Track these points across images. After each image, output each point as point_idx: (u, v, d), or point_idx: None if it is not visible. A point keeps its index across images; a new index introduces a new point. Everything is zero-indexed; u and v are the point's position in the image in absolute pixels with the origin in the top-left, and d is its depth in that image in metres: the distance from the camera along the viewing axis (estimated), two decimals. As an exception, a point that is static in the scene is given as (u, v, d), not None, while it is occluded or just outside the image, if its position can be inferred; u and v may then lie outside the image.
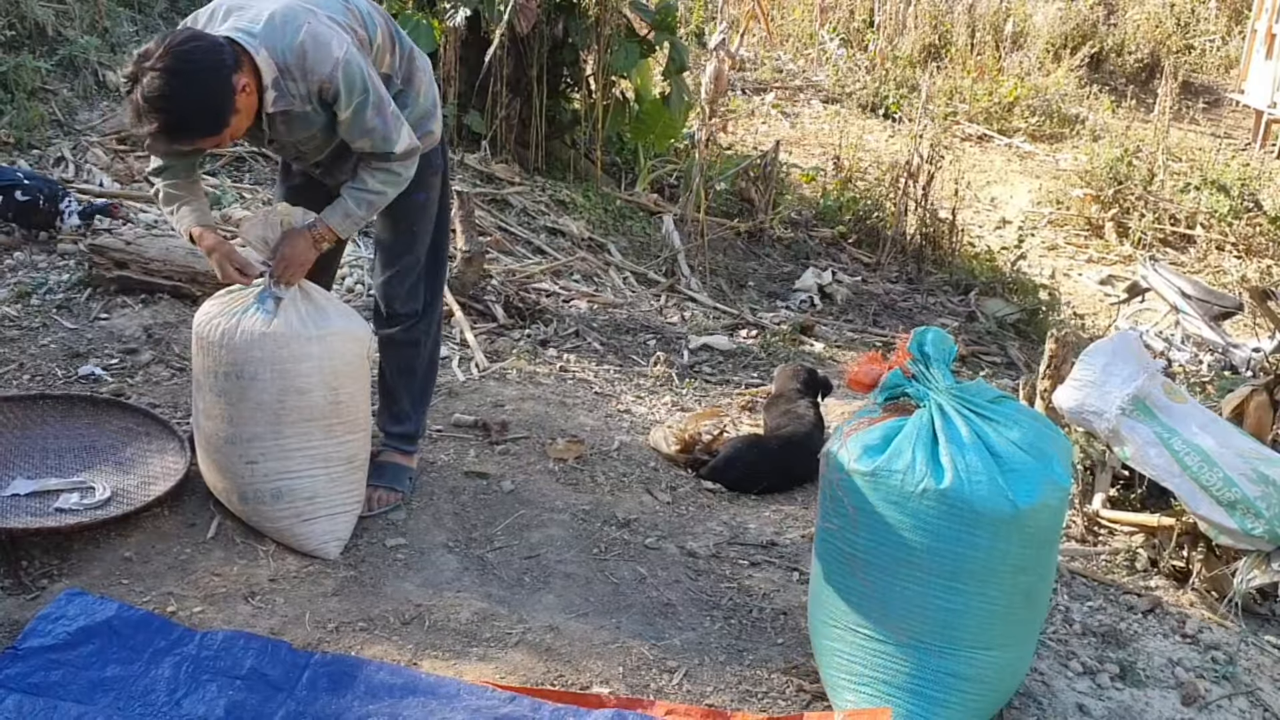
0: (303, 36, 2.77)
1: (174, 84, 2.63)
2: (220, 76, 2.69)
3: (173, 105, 2.66)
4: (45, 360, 3.92)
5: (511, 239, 6.15)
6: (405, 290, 3.29)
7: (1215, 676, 2.91)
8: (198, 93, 2.67)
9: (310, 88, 2.83)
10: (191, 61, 2.65)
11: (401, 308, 3.31)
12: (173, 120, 2.69)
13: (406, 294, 3.30)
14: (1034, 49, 12.52)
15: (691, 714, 2.54)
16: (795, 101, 11.49)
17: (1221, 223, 9.40)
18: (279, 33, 2.77)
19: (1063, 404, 3.45)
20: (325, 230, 3.01)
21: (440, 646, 2.73)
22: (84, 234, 4.76)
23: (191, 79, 2.65)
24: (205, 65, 2.67)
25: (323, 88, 2.83)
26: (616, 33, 7.09)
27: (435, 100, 3.21)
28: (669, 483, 3.73)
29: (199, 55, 2.67)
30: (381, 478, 3.31)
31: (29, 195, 4.73)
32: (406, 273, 3.28)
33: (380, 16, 3.05)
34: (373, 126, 2.89)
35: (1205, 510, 3.19)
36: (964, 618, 2.43)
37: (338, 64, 2.79)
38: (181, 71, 2.64)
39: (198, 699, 2.47)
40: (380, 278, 3.29)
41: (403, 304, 3.31)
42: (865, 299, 7.06)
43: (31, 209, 4.74)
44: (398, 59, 3.06)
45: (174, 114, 2.68)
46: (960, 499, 2.36)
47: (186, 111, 2.69)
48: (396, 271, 3.26)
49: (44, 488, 3.13)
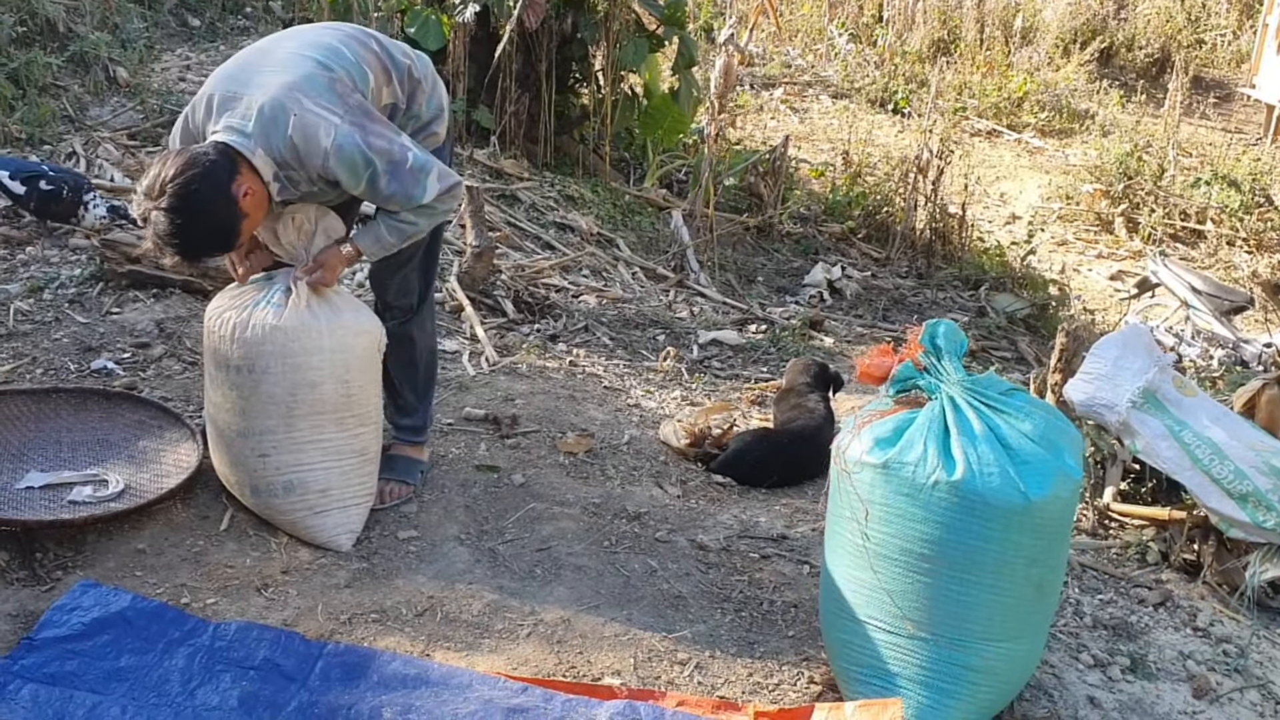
0: (290, 131, 2.79)
1: (180, 222, 2.73)
2: (221, 199, 2.76)
3: (184, 241, 2.78)
4: (58, 354, 3.93)
5: (520, 234, 6.16)
6: (397, 283, 3.29)
7: (1227, 669, 2.91)
8: (204, 222, 2.77)
9: (311, 174, 2.87)
10: (191, 193, 2.72)
11: (395, 300, 3.31)
12: (187, 251, 2.83)
13: (399, 287, 3.29)
14: (1043, 44, 12.48)
15: (703, 705, 2.55)
16: (804, 97, 11.48)
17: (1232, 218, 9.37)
18: (269, 129, 2.79)
19: (1073, 397, 3.44)
20: (355, 250, 3.06)
21: (452, 638, 2.74)
22: (104, 225, 4.78)
23: (195, 214, 2.74)
24: (204, 194, 2.74)
25: (321, 173, 2.86)
26: (625, 28, 7.09)
27: (440, 104, 3.18)
28: (679, 476, 3.73)
29: (197, 184, 2.73)
30: (393, 471, 3.32)
31: (53, 185, 4.77)
32: (399, 265, 3.25)
33: (368, 53, 2.99)
34: (391, 193, 2.90)
35: (1216, 503, 3.18)
36: (975, 610, 2.43)
37: (327, 154, 2.80)
38: (184, 210, 2.73)
39: (211, 689, 2.48)
40: (373, 269, 3.30)
41: (395, 296, 3.31)
42: (874, 294, 7.05)
43: (54, 199, 4.77)
44: (396, 86, 3.04)
45: (188, 247, 2.81)
46: (972, 491, 2.36)
47: (198, 242, 2.82)
48: (387, 263, 3.23)
49: (58, 481, 3.14)
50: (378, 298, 3.33)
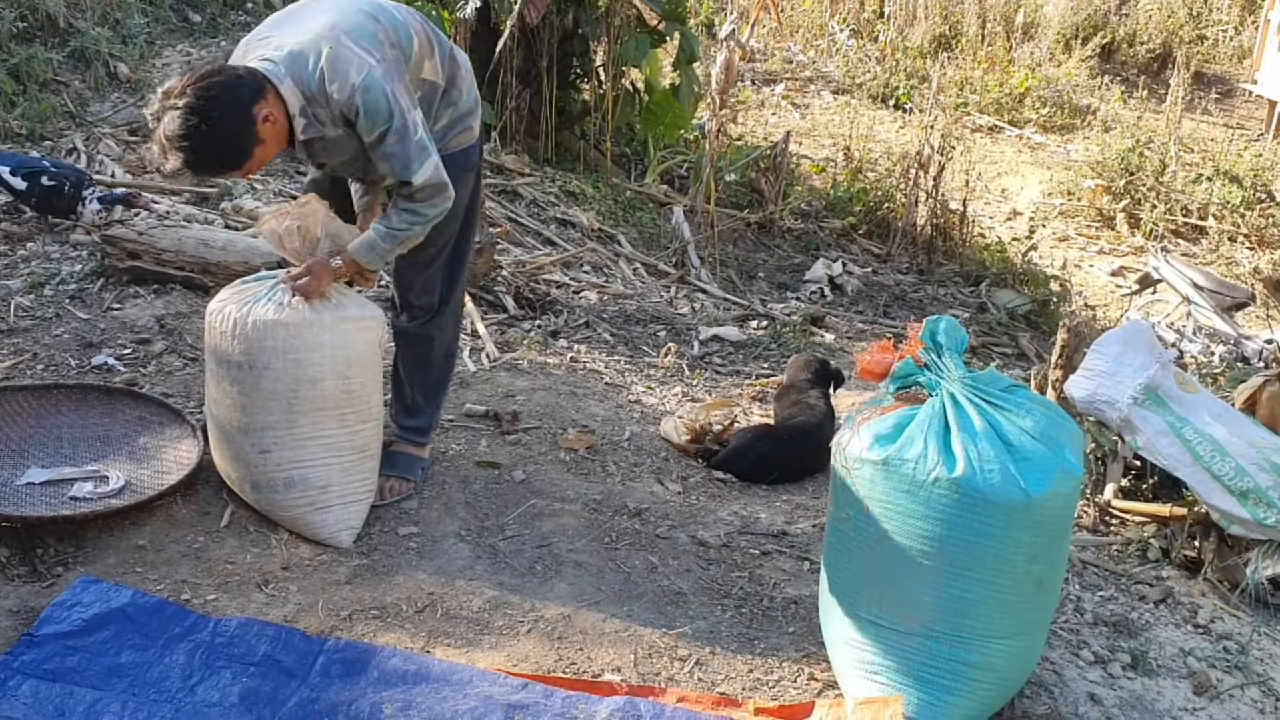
0: (322, 63, 2.78)
1: (194, 121, 2.66)
2: (240, 111, 2.70)
3: (193, 142, 2.68)
4: (59, 350, 3.93)
5: (522, 230, 6.16)
6: (421, 282, 3.28)
7: (1227, 666, 2.91)
8: (218, 129, 2.69)
9: (334, 112, 2.84)
10: (211, 98, 2.67)
11: (416, 299, 3.30)
12: (194, 157, 2.72)
13: (422, 286, 3.29)
14: (1045, 39, 12.47)
15: (703, 702, 2.55)
16: (805, 92, 11.47)
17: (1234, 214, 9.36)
18: (301, 61, 2.78)
19: (1074, 394, 3.44)
20: (350, 261, 3.04)
21: (453, 634, 2.74)
22: (103, 221, 4.78)
23: (211, 115, 2.67)
24: (224, 101, 2.68)
25: (344, 111, 2.83)
26: (626, 23, 7.09)
27: (476, 99, 3.20)
28: (680, 473, 3.73)
29: (218, 91, 2.68)
30: (394, 467, 3.32)
31: (55, 180, 4.77)
32: (424, 264, 3.25)
33: (417, 20, 3.02)
34: (392, 153, 2.87)
35: (1217, 500, 3.18)
36: (976, 606, 2.43)
37: (355, 89, 2.79)
38: (201, 109, 2.66)
39: (212, 685, 2.48)
40: (397, 268, 3.29)
41: (417, 295, 3.30)
42: (876, 290, 7.05)
43: (55, 194, 4.78)
44: (439, 61, 3.04)
45: (195, 151, 2.71)
46: (972, 487, 2.36)
47: (207, 147, 2.71)
48: (414, 262, 3.24)
49: (58, 477, 3.14)
50: (400, 296, 3.32)
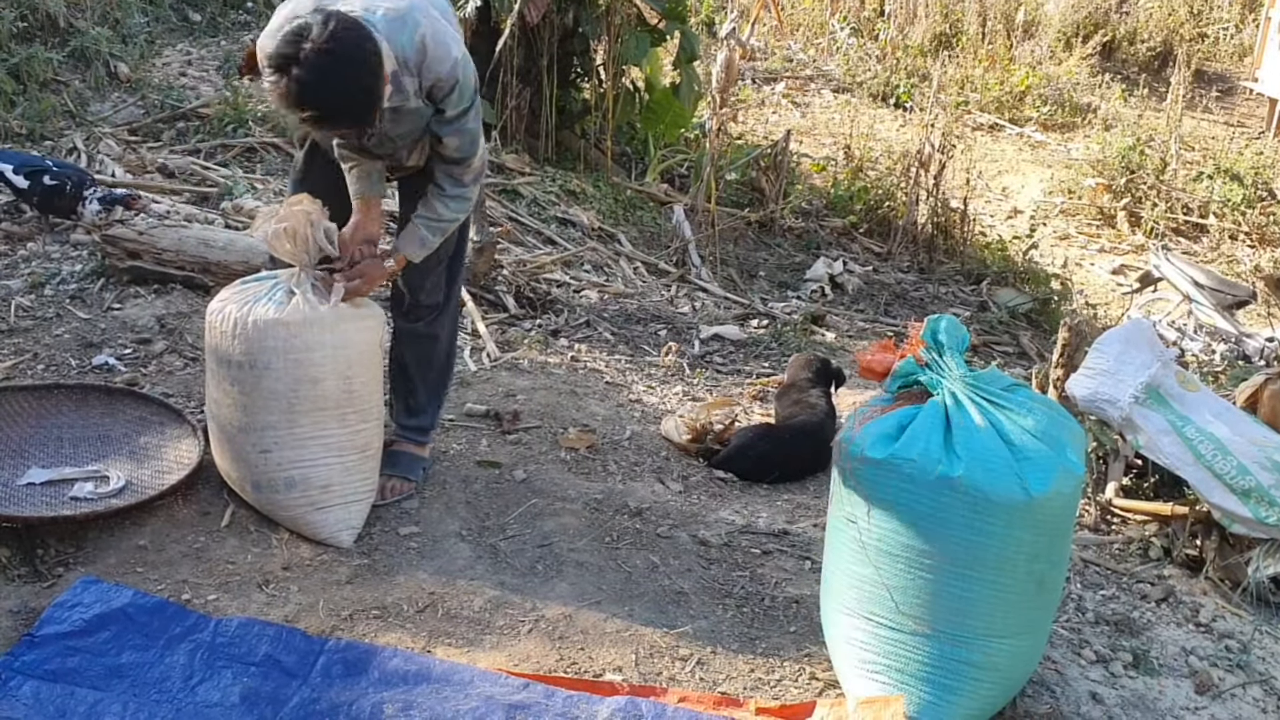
0: (423, 31, 2.76)
1: (337, 70, 2.57)
2: (378, 68, 2.65)
3: (335, 95, 2.61)
4: (59, 350, 3.93)
5: (522, 229, 6.16)
6: (430, 281, 3.30)
7: (1229, 665, 2.91)
8: (358, 84, 2.62)
9: (424, 84, 2.82)
10: (355, 48, 2.59)
11: (426, 299, 3.32)
12: (330, 107, 2.65)
13: (431, 285, 3.31)
14: (1045, 38, 12.46)
15: (704, 701, 2.55)
16: (806, 91, 11.46)
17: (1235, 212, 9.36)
18: (399, 26, 2.75)
19: (1076, 392, 3.44)
20: (401, 260, 3.08)
21: (454, 634, 2.74)
22: (103, 221, 4.77)
23: (353, 66, 2.60)
24: (367, 53, 2.61)
25: (436, 84, 2.83)
26: (627, 22, 7.08)
27: None
28: (681, 472, 3.73)
29: (362, 43, 2.61)
30: (395, 467, 3.31)
31: (57, 180, 4.77)
32: (434, 265, 3.27)
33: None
34: (471, 129, 2.93)
35: (1219, 499, 3.18)
36: (977, 606, 2.43)
37: (456, 63, 2.81)
38: (344, 57, 2.58)
39: (213, 685, 2.48)
40: (407, 270, 3.28)
41: (427, 296, 3.31)
42: (876, 289, 7.05)
43: (57, 194, 4.77)
44: None
45: (336, 103, 2.63)
46: (974, 487, 2.35)
47: (344, 99, 2.64)
48: (424, 264, 3.26)
49: (59, 477, 3.14)
50: (410, 298, 3.31)
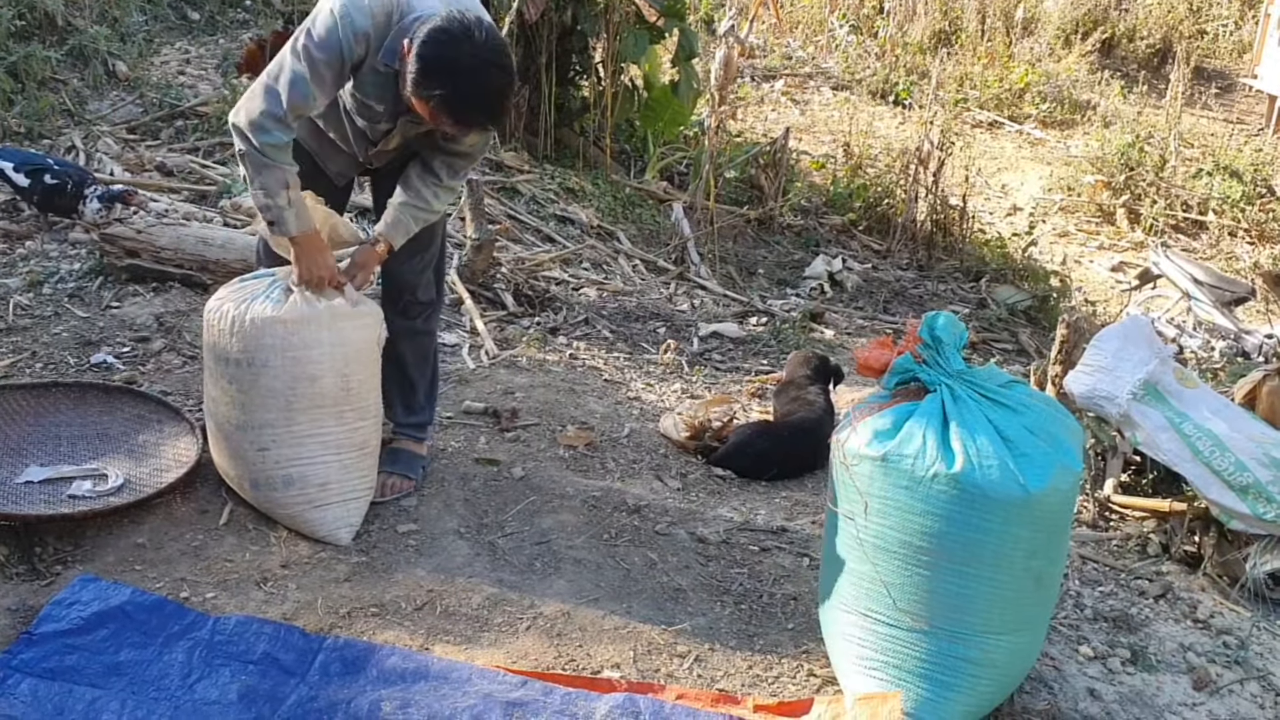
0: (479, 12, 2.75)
1: (500, 79, 2.62)
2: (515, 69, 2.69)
3: (496, 101, 2.65)
4: (57, 348, 3.93)
5: (521, 227, 6.15)
6: (424, 280, 3.34)
7: (1227, 661, 2.91)
8: (513, 89, 2.67)
9: None
10: (508, 54, 2.64)
11: (423, 296, 3.34)
12: (485, 116, 2.69)
13: (425, 284, 3.35)
14: (1045, 35, 12.45)
15: (702, 698, 2.55)
16: (805, 88, 11.45)
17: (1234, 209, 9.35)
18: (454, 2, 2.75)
19: (1074, 389, 3.44)
20: (386, 247, 3.09)
21: (452, 632, 2.74)
22: (103, 220, 4.77)
23: (512, 74, 2.65)
24: (511, 58, 2.65)
25: None
26: (625, 20, 7.08)
27: None
28: (679, 469, 3.73)
29: (508, 47, 2.65)
30: (394, 465, 3.32)
31: (57, 179, 4.76)
32: (428, 263, 3.33)
33: None
34: None
35: (1217, 495, 3.18)
36: (975, 602, 2.43)
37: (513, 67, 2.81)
38: (505, 65, 2.62)
39: (211, 683, 2.48)
40: (402, 269, 3.28)
41: (424, 293, 3.34)
42: (875, 286, 7.05)
43: (58, 192, 4.77)
44: None
45: (492, 109, 2.67)
46: (971, 483, 2.35)
47: (502, 106, 2.69)
48: (420, 260, 3.28)
49: (57, 475, 3.14)
50: (408, 295, 3.32)
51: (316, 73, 2.74)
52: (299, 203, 2.90)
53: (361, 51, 2.75)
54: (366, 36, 2.73)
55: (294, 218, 2.90)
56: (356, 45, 2.73)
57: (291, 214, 2.89)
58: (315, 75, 2.74)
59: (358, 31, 2.72)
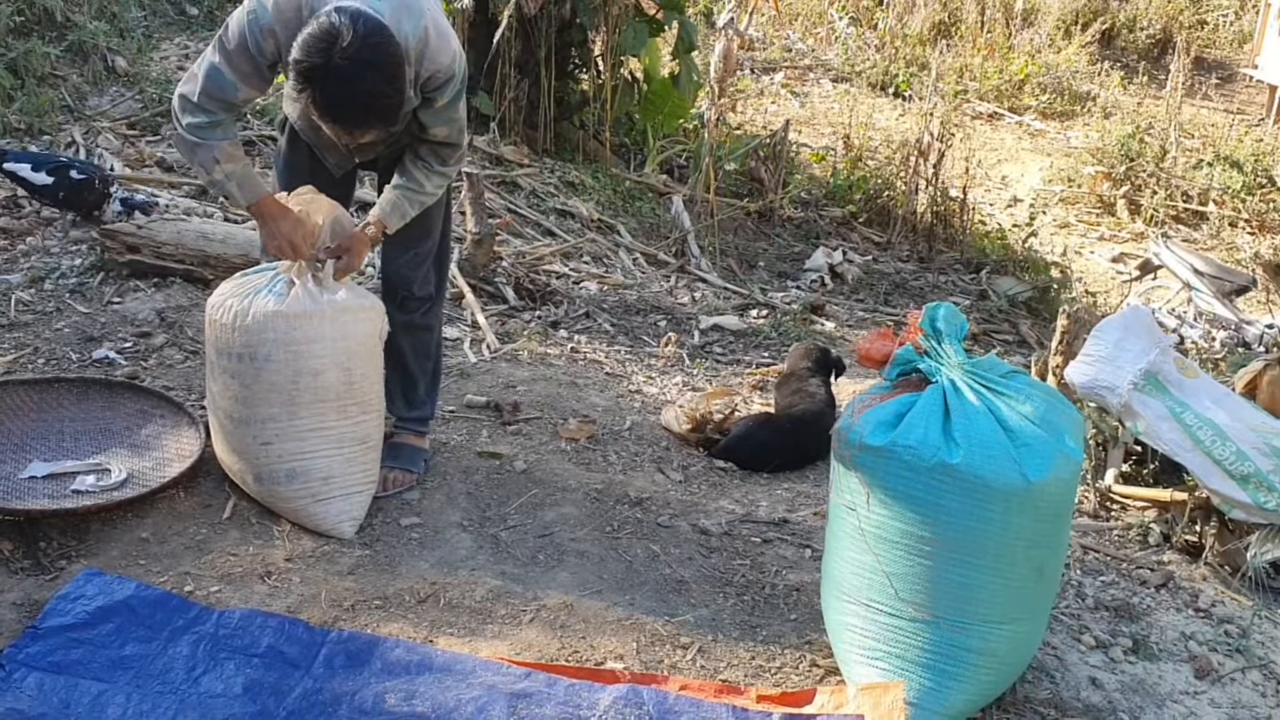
0: (427, 23, 2.76)
1: (371, 79, 2.59)
2: (405, 69, 2.66)
3: (368, 100, 2.62)
4: (59, 344, 3.94)
5: (521, 221, 6.16)
6: (422, 274, 3.33)
7: (1228, 650, 2.92)
8: (391, 87, 2.64)
9: (421, 73, 2.81)
10: (387, 54, 2.60)
11: (419, 291, 3.33)
12: (361, 115, 2.66)
13: (423, 278, 3.33)
14: (1045, 26, 12.44)
15: (705, 689, 2.56)
16: (804, 81, 11.44)
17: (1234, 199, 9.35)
18: (403, 15, 2.73)
19: (1075, 379, 3.44)
20: (379, 230, 3.07)
21: (455, 624, 2.74)
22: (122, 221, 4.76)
23: (389, 73, 2.62)
24: (398, 59, 2.62)
25: (434, 75, 2.82)
26: (624, 12, 7.07)
27: None
28: (681, 462, 3.74)
29: (392, 48, 2.62)
30: (396, 459, 3.32)
31: (84, 174, 4.75)
32: (424, 257, 3.32)
33: None
34: (458, 117, 2.95)
35: (1218, 484, 3.18)
36: (977, 592, 2.44)
37: (456, 56, 2.81)
38: (379, 65, 2.59)
39: (216, 676, 2.49)
40: (397, 263, 3.29)
41: (420, 287, 3.33)
42: (876, 278, 7.05)
43: (86, 188, 4.76)
44: None
45: (366, 108, 2.65)
46: (973, 473, 2.36)
47: (379, 106, 2.66)
48: (415, 255, 3.27)
49: (60, 470, 3.15)
50: (404, 290, 3.32)
51: (232, 64, 2.79)
52: (241, 174, 2.93)
53: (272, 47, 2.76)
54: (273, 32, 2.74)
55: (237, 188, 2.94)
56: (264, 40, 2.75)
57: (233, 185, 2.93)
58: (231, 67, 2.79)
59: (263, 27, 2.74)
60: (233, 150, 2.91)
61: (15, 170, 4.73)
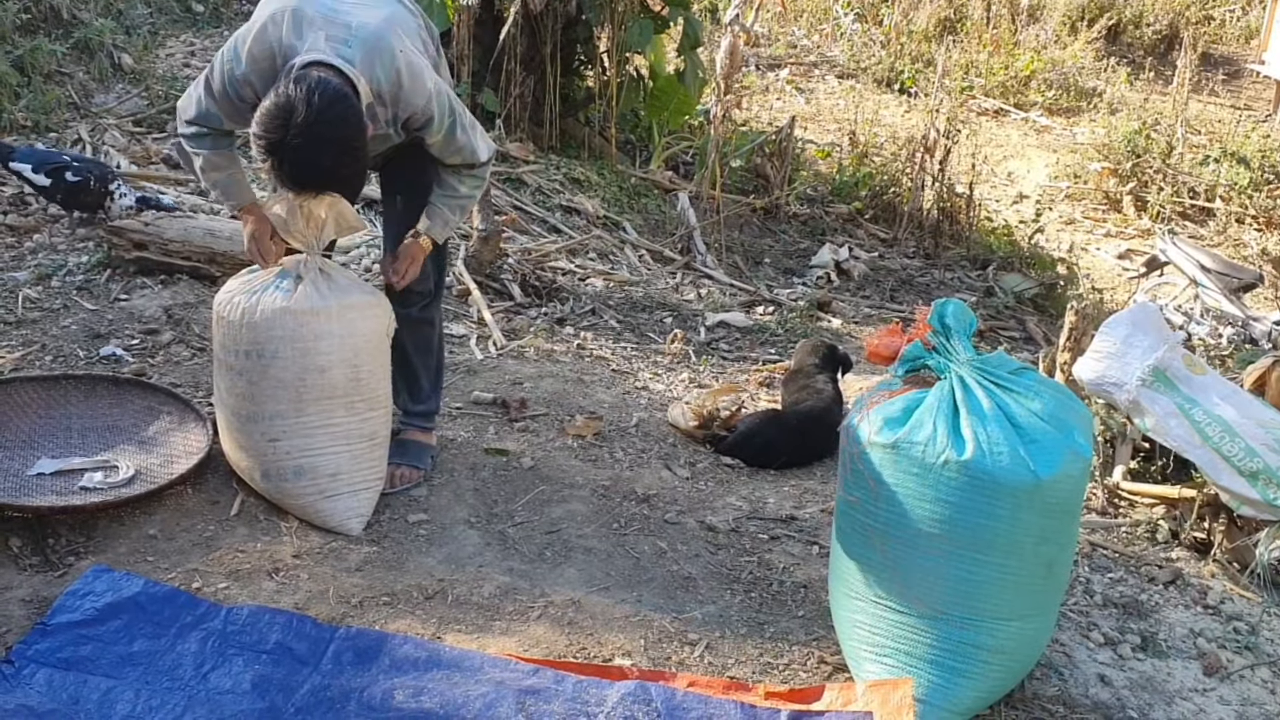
0: (400, 65, 2.77)
1: (329, 151, 2.63)
2: (365, 134, 2.70)
3: (327, 173, 2.69)
4: (67, 341, 3.94)
5: (527, 218, 6.15)
6: (420, 270, 3.31)
7: (1237, 647, 2.91)
8: (350, 157, 2.69)
9: (399, 114, 2.85)
10: (344, 124, 2.63)
11: (418, 286, 3.32)
12: (322, 185, 2.74)
13: (422, 273, 3.32)
14: (1050, 21, 12.40)
15: (714, 686, 2.56)
16: (810, 77, 11.42)
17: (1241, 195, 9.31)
18: (375, 59, 2.76)
19: (1083, 376, 3.44)
20: (429, 241, 3.13)
21: (463, 620, 2.75)
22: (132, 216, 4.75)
23: (346, 145, 2.66)
24: (356, 127, 2.66)
25: (412, 117, 2.86)
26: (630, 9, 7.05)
27: (449, 80, 3.24)
28: (687, 458, 3.74)
29: (350, 116, 2.64)
30: (403, 455, 3.33)
31: (79, 176, 4.75)
32: None
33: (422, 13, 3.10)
34: (462, 144, 2.98)
35: (1227, 481, 3.18)
36: (985, 589, 2.44)
37: (431, 97, 2.83)
38: (335, 138, 2.62)
39: (224, 673, 2.49)
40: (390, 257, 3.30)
41: (419, 283, 3.32)
42: (882, 275, 7.04)
43: (82, 189, 4.74)
44: (430, 42, 3.10)
45: (326, 180, 2.72)
46: (982, 470, 2.35)
47: (338, 176, 2.72)
48: None
49: (68, 467, 3.15)
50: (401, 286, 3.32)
51: (217, 104, 2.92)
52: (225, 182, 3.09)
53: (250, 94, 2.83)
54: (249, 82, 2.83)
55: (222, 195, 3.14)
56: (243, 89, 2.84)
57: (218, 192, 3.13)
58: (217, 105, 2.92)
59: (239, 79, 2.83)
60: (219, 159, 3.06)
61: (20, 170, 4.73)
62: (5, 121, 5.67)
